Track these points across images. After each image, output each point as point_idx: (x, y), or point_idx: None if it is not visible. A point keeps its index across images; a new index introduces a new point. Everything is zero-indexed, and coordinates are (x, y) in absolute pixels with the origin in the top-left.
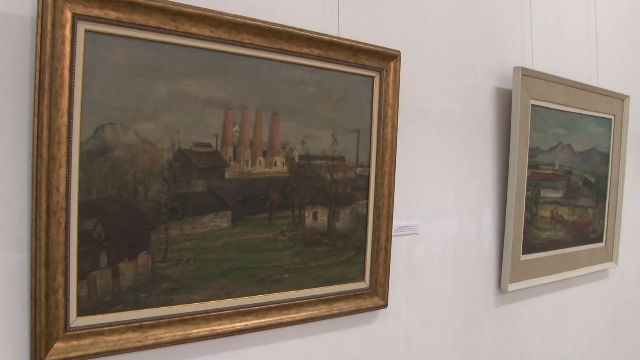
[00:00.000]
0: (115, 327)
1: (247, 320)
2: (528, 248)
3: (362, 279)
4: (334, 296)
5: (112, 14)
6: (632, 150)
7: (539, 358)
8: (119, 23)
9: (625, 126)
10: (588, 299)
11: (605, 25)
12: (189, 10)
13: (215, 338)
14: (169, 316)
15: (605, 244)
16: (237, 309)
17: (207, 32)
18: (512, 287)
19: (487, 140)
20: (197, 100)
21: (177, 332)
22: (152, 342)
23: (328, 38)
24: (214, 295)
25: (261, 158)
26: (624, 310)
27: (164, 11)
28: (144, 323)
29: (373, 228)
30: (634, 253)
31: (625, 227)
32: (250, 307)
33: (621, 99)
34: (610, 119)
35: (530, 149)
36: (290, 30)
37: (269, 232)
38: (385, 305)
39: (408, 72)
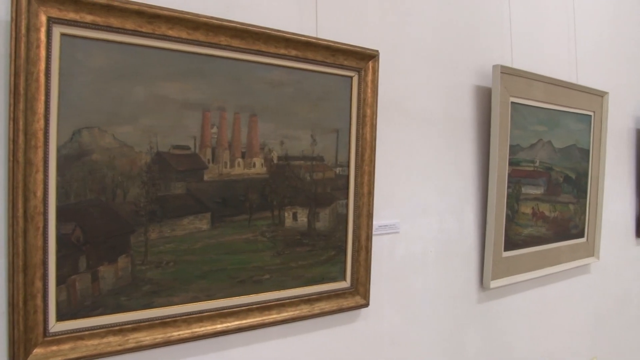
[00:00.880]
0: (95, 331)
1: (229, 322)
2: (510, 245)
3: (344, 278)
4: (315, 296)
5: (88, 17)
6: (612, 146)
7: (523, 353)
8: (95, 26)
9: (605, 122)
10: (570, 294)
11: (585, 22)
12: (166, 12)
13: (196, 340)
14: (150, 319)
15: (587, 239)
16: (218, 310)
17: (184, 34)
18: (494, 283)
19: (468, 138)
20: (175, 103)
21: (158, 335)
22: (133, 345)
23: (305, 39)
24: (195, 297)
25: (240, 159)
26: (606, 305)
27: (140, 14)
28: (124, 326)
29: (353, 227)
30: (615, 247)
31: (606, 222)
32: (231, 308)
33: (600, 95)
34: (590, 116)
35: (511, 146)
36: (267, 31)
37: (249, 233)
38: (367, 304)
39: (388, 72)
